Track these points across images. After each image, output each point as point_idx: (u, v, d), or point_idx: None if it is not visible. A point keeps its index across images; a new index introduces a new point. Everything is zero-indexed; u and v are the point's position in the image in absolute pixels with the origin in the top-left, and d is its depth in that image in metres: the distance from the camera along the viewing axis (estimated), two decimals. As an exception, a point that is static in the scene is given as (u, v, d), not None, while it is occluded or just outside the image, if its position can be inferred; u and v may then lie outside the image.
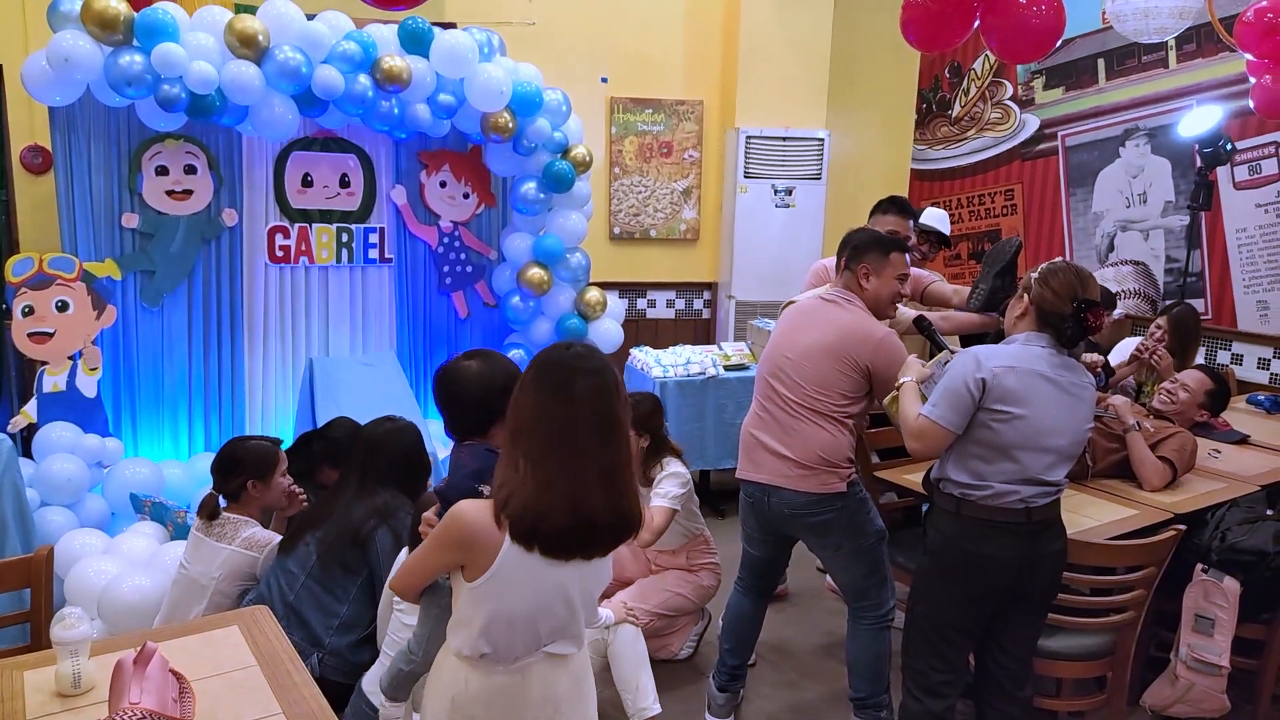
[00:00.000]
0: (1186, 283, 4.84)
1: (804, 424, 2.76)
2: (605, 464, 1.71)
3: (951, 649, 2.50)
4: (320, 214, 4.72)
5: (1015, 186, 5.92)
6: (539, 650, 1.80)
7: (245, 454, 2.86)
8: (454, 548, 1.73)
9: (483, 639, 1.74)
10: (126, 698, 1.55)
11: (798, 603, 4.09)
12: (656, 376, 4.77)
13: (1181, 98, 4.94)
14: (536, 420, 1.70)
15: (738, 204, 5.93)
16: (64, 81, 3.75)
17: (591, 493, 1.69)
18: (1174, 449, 3.23)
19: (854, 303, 2.83)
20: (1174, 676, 2.85)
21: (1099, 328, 2.33)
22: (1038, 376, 2.31)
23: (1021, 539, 2.35)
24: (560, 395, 1.70)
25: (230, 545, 2.75)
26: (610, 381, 1.74)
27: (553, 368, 1.73)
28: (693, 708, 3.24)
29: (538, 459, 1.68)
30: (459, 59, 4.28)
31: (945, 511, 2.44)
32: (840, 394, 2.75)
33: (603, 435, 1.71)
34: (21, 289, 3.96)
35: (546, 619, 1.77)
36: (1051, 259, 2.49)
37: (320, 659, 2.58)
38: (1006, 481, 2.33)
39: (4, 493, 3.23)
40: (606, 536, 1.76)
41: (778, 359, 2.85)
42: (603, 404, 1.72)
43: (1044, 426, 2.31)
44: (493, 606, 1.72)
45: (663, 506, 3.21)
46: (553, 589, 1.75)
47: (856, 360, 2.72)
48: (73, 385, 4.08)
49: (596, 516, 1.70)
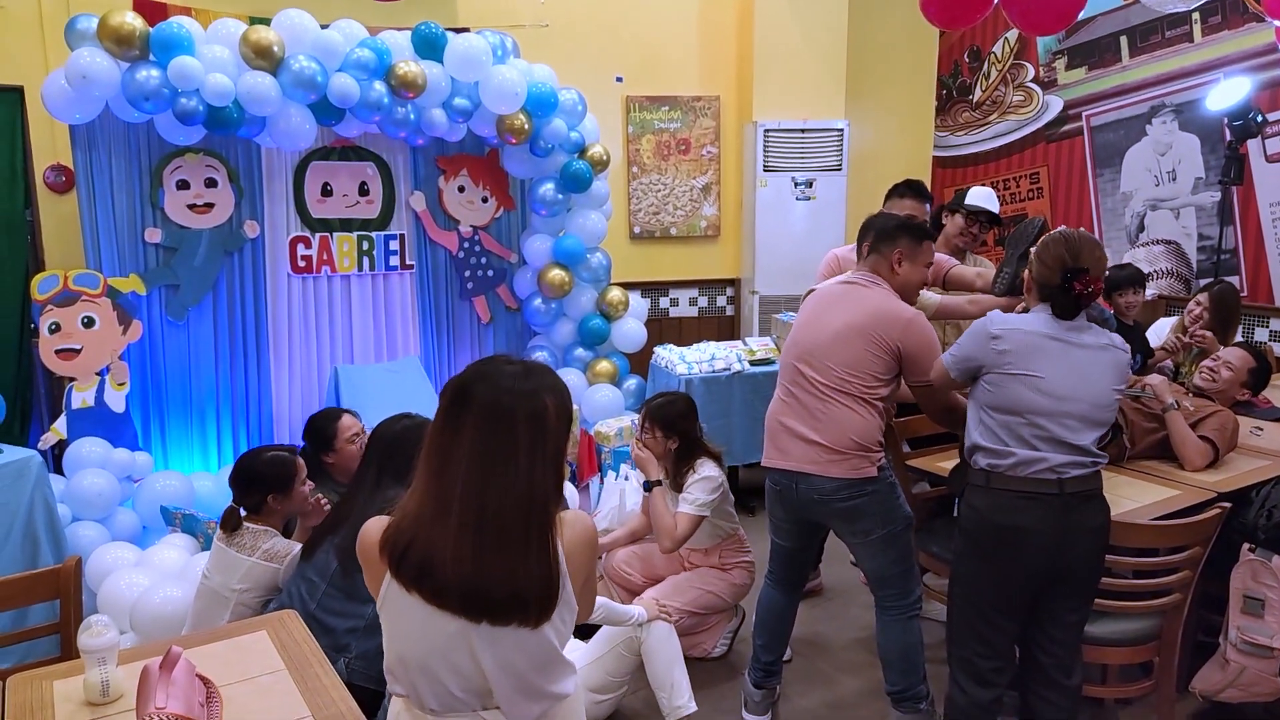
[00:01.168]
0: (1220, 260, 4.74)
1: (835, 407, 2.71)
2: (479, 509, 1.46)
3: (994, 631, 2.45)
4: (340, 223, 4.73)
5: (1040, 169, 5.83)
6: (471, 711, 1.59)
7: (264, 467, 2.83)
8: (363, 561, 1.62)
9: (389, 673, 1.63)
10: (152, 703, 1.54)
11: (833, 598, 4.03)
12: (681, 374, 4.73)
13: (1208, 71, 4.83)
14: (428, 437, 1.53)
15: (758, 198, 5.89)
16: (83, 99, 3.79)
17: (447, 541, 1.47)
18: (1215, 428, 3.15)
19: (881, 285, 2.80)
20: (1224, 660, 2.76)
21: (1092, 295, 2.33)
22: (1046, 337, 2.35)
23: (1055, 511, 2.30)
24: (448, 410, 1.51)
25: (251, 557, 2.73)
26: (517, 406, 1.48)
27: (457, 381, 1.54)
28: (728, 706, 3.19)
29: (418, 482, 1.52)
30: (473, 62, 4.28)
31: (977, 487, 2.42)
32: (872, 375, 2.71)
33: (481, 471, 1.46)
34: (48, 306, 3.99)
35: (453, 676, 1.55)
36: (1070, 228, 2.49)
37: (347, 664, 2.56)
38: (1029, 447, 2.31)
39: (35, 509, 3.25)
40: (455, 592, 1.48)
41: (806, 343, 2.81)
42: (491, 429, 1.47)
43: (1057, 387, 2.31)
44: (388, 638, 1.59)
45: (688, 514, 3.18)
46: (447, 642, 1.53)
47: (887, 340, 2.69)
48: (101, 401, 4.11)
49: (439, 564, 1.47)
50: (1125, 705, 3.08)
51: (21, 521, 3.21)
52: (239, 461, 2.90)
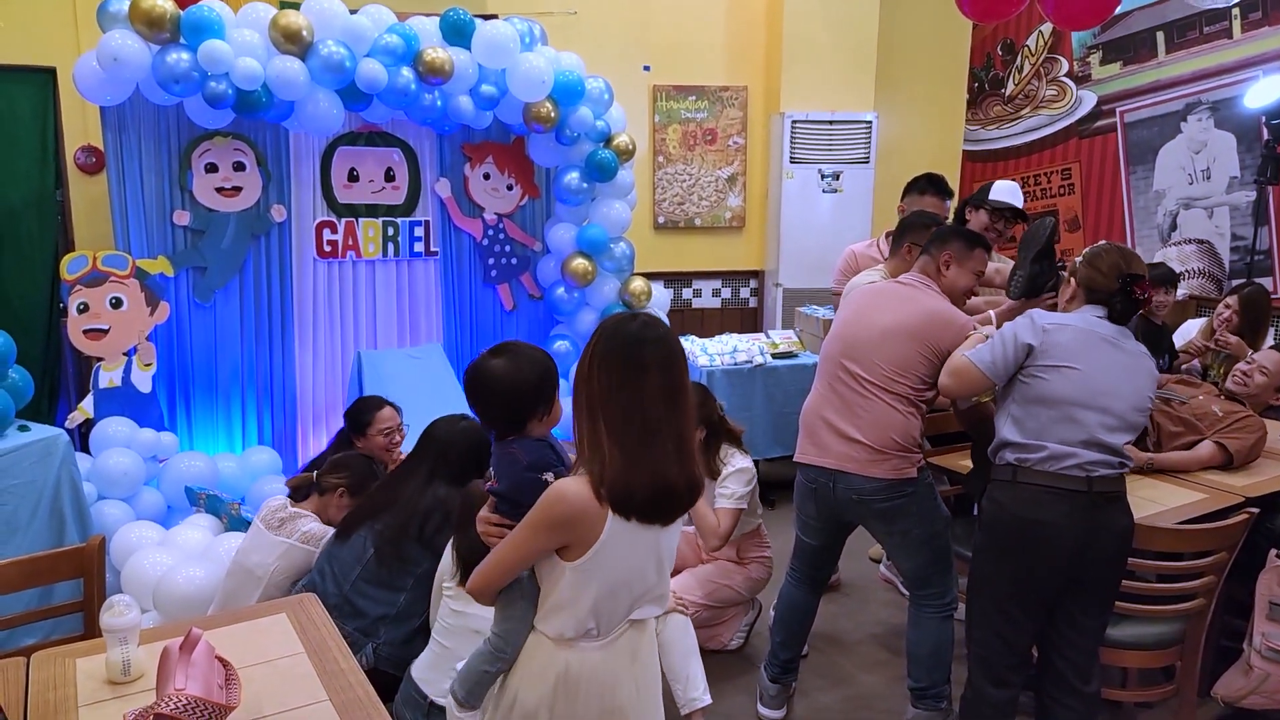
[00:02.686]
0: (1254, 261, 4.66)
1: (878, 404, 2.69)
2: (676, 432, 1.76)
3: (1013, 629, 2.43)
4: (366, 208, 4.74)
5: (1072, 165, 5.75)
6: (624, 621, 1.85)
7: (357, 463, 3.00)
8: (558, 528, 1.74)
9: (590, 615, 1.78)
10: (172, 684, 1.55)
11: (851, 594, 4.02)
12: (703, 365, 4.72)
13: (1247, 68, 4.75)
14: (611, 395, 1.73)
15: (784, 190, 5.85)
16: (114, 81, 3.81)
17: (669, 461, 1.74)
18: (1238, 440, 3.09)
19: (933, 288, 2.78)
20: (1247, 666, 2.73)
21: (1148, 301, 2.39)
22: (1094, 335, 2.35)
23: (1081, 509, 2.28)
24: (631, 369, 1.73)
25: (289, 539, 2.76)
26: (675, 350, 1.79)
27: (621, 341, 1.75)
28: (744, 699, 3.19)
29: (619, 433, 1.72)
30: (501, 49, 4.27)
31: (1002, 482, 2.40)
32: (919, 377, 2.69)
33: (671, 404, 1.75)
34: (76, 286, 4.03)
35: (640, 583, 1.82)
36: (1103, 240, 2.49)
37: (375, 649, 2.58)
38: (1062, 442, 2.30)
39: (62, 487, 3.29)
40: (684, 500, 1.81)
41: (851, 339, 2.78)
42: (670, 374, 1.76)
43: (1099, 383, 2.30)
44: (601, 579, 1.76)
45: (729, 509, 3.17)
46: (645, 553, 1.81)
47: (939, 345, 2.66)
48: (128, 381, 4.15)
49: (674, 483, 1.75)
50: (1146, 709, 3.05)
51: (48, 499, 3.25)
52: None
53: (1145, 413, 2.38)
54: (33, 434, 3.23)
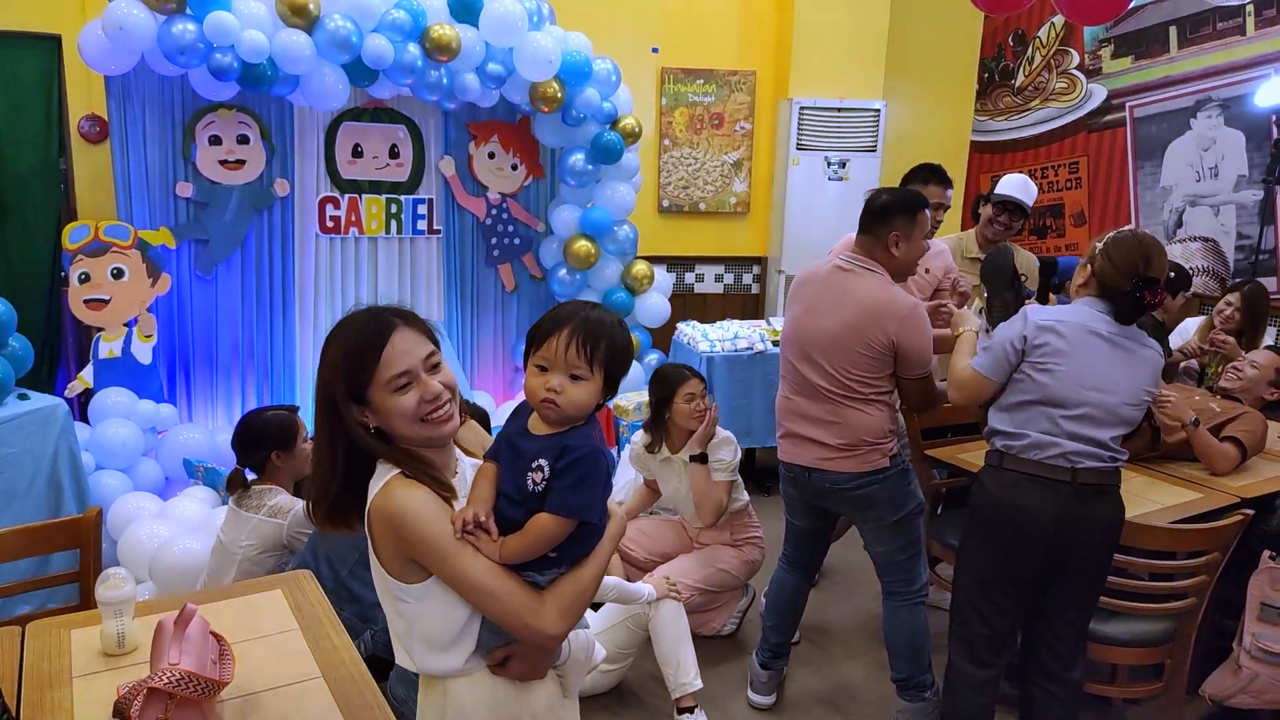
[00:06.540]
0: (1258, 261, 4.65)
1: (843, 409, 2.68)
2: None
3: (993, 610, 2.45)
4: (370, 184, 4.73)
5: (1080, 159, 5.72)
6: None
7: (265, 426, 2.86)
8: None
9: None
10: (165, 658, 1.56)
11: (841, 582, 4.03)
12: (703, 351, 4.72)
13: (1259, 66, 4.71)
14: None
15: (789, 177, 5.82)
16: (119, 50, 3.79)
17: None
18: (1243, 429, 3.11)
19: (873, 270, 2.67)
20: (1236, 666, 2.74)
21: (1155, 306, 2.33)
22: (1087, 331, 2.33)
23: (1063, 499, 2.30)
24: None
25: (257, 515, 2.75)
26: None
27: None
28: (735, 684, 3.21)
29: None
30: (508, 27, 4.24)
31: (989, 467, 2.44)
32: (873, 375, 2.66)
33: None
34: (78, 256, 4.03)
35: None
36: (1119, 228, 2.43)
37: (372, 635, 2.58)
38: (1045, 432, 2.31)
39: (60, 456, 3.30)
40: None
41: (801, 340, 2.74)
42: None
43: (1086, 378, 2.30)
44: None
45: (725, 481, 3.22)
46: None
47: (883, 337, 2.60)
48: (128, 352, 4.15)
49: None
50: (1133, 705, 3.06)
51: (46, 468, 3.26)
52: (240, 422, 2.93)
53: (1139, 406, 2.36)
54: (32, 402, 3.24)
